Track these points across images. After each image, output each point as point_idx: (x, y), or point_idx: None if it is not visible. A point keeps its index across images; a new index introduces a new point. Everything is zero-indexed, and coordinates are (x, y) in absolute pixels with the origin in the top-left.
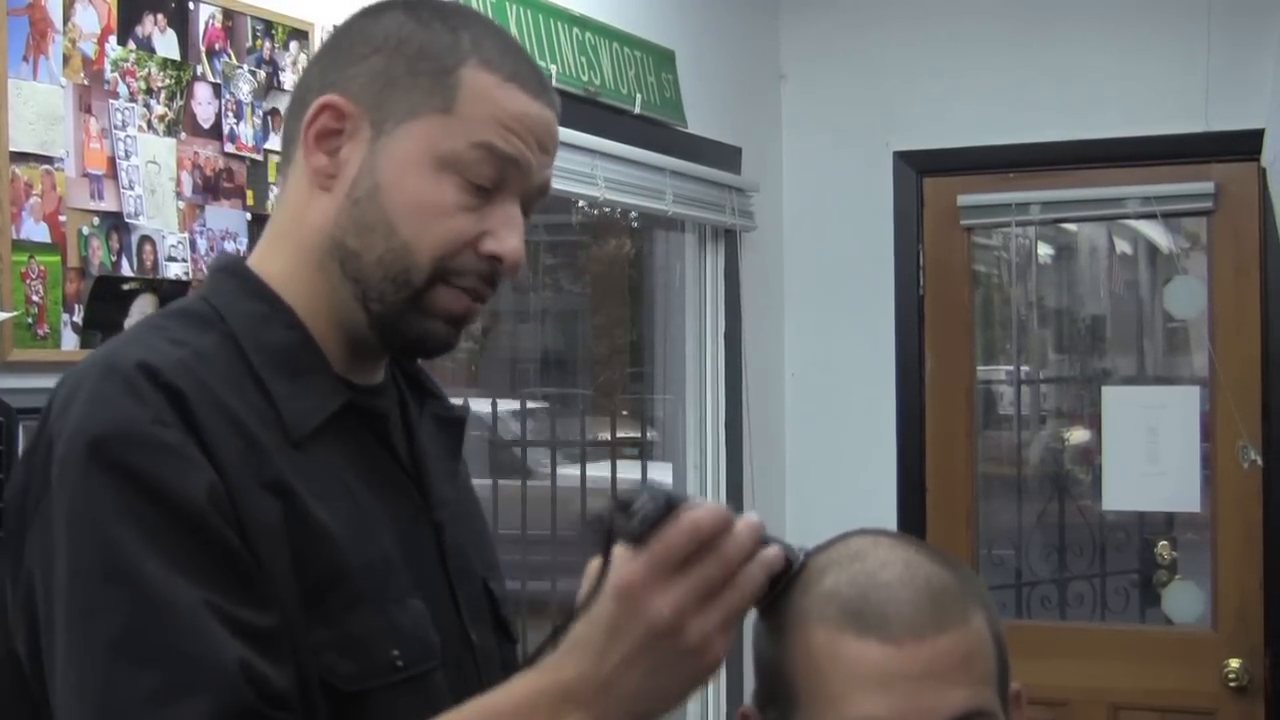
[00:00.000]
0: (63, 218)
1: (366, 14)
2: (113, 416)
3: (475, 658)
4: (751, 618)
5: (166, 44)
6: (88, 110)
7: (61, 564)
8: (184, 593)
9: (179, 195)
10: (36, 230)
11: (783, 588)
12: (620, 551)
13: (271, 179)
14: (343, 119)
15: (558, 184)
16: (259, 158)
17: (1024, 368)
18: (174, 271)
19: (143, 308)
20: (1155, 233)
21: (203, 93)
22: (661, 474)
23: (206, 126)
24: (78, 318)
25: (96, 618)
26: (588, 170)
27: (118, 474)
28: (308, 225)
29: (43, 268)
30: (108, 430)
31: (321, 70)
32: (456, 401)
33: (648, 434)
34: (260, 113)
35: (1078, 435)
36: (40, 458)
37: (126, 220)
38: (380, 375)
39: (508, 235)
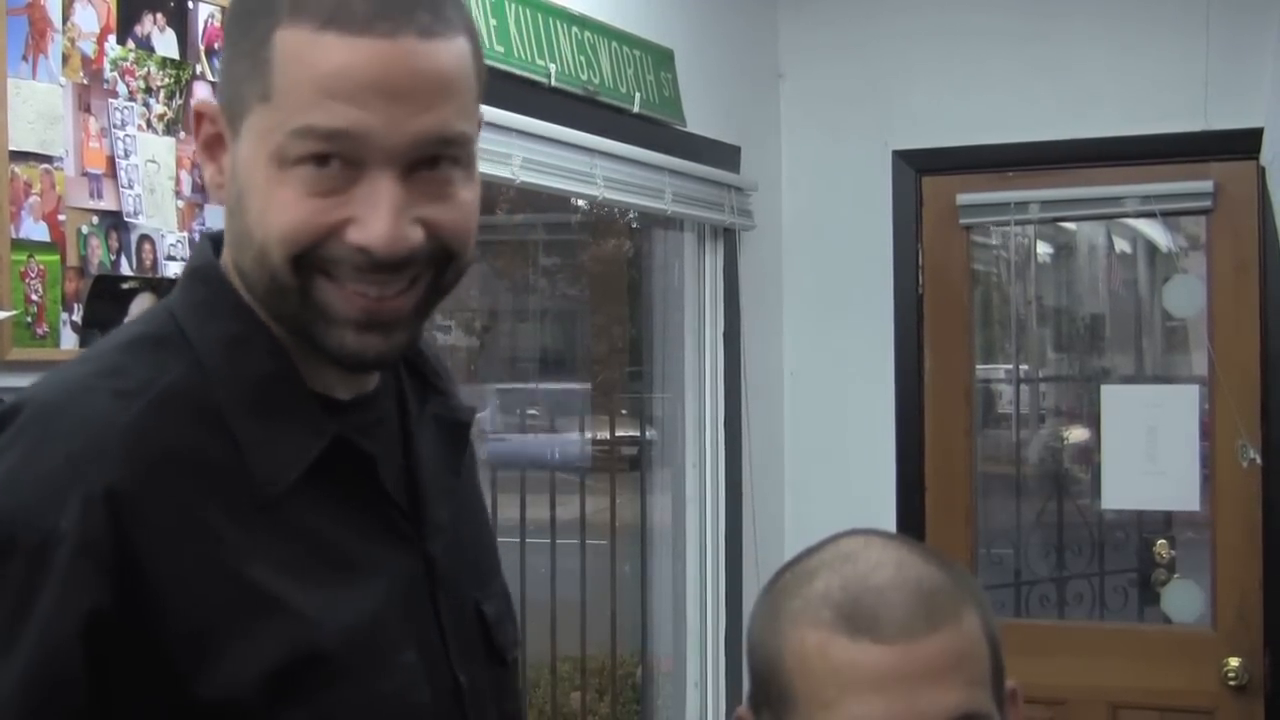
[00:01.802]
0: (62, 217)
1: None
2: (22, 508)
3: (464, 702)
4: (747, 620)
5: (166, 43)
6: (87, 109)
7: None
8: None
9: (178, 194)
10: (36, 229)
11: None
12: None
13: None
14: (216, 124)
15: (558, 183)
16: None
17: (1023, 367)
18: (173, 270)
19: (142, 306)
20: (1154, 232)
21: (202, 92)
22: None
23: None
24: (77, 317)
25: None
26: (587, 169)
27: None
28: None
29: (42, 267)
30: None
31: None
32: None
33: (646, 433)
34: None
35: (1077, 434)
36: None
37: (126, 219)
38: (373, 381)
39: (372, 219)
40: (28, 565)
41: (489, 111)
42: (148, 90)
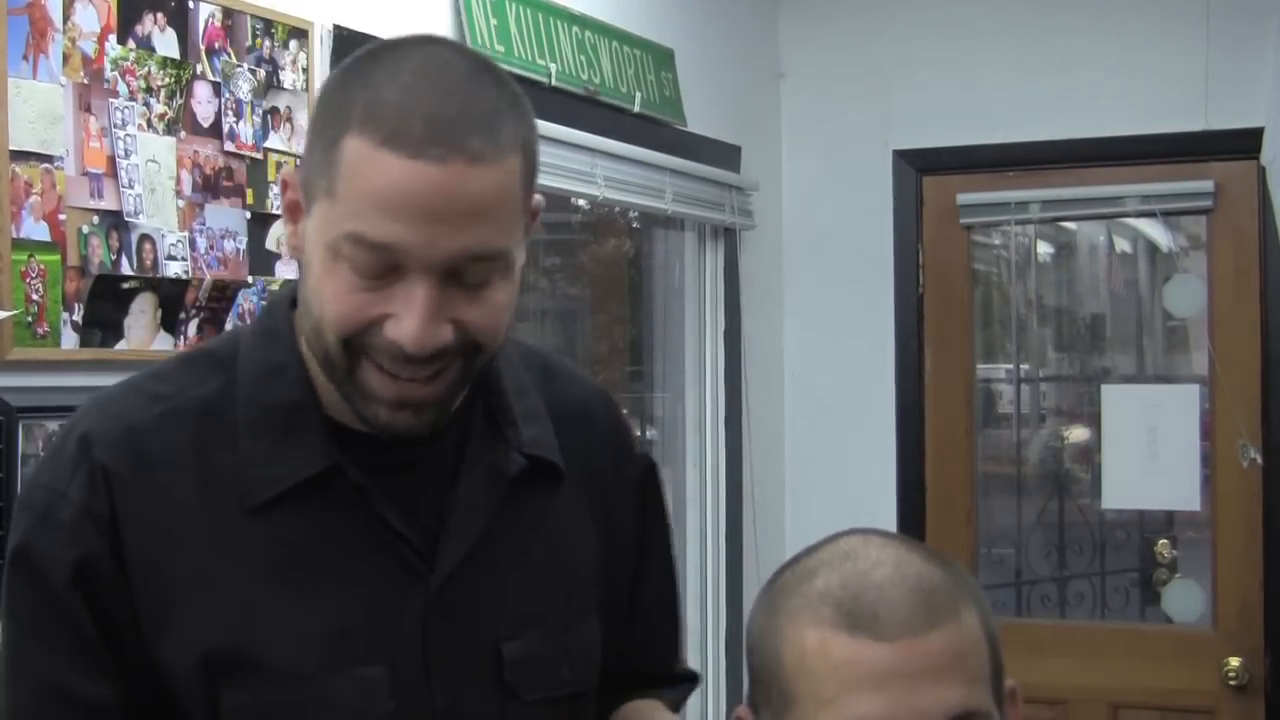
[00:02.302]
0: (62, 216)
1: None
2: (37, 481)
3: None
4: (747, 619)
5: (166, 43)
6: (87, 109)
7: None
8: (31, 665)
9: (179, 194)
10: (36, 229)
11: None
12: None
13: (271, 177)
14: (296, 192)
15: (558, 182)
16: (259, 156)
17: (1023, 366)
18: (174, 270)
19: (142, 306)
20: (1155, 231)
21: (202, 91)
22: None
23: (206, 125)
24: (77, 316)
25: None
26: (587, 169)
27: (14, 535)
28: None
29: (42, 266)
30: (28, 492)
31: None
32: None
33: (647, 433)
34: (260, 112)
35: (1077, 434)
36: None
37: (126, 219)
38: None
39: (406, 318)
40: (40, 518)
41: None
42: (148, 90)
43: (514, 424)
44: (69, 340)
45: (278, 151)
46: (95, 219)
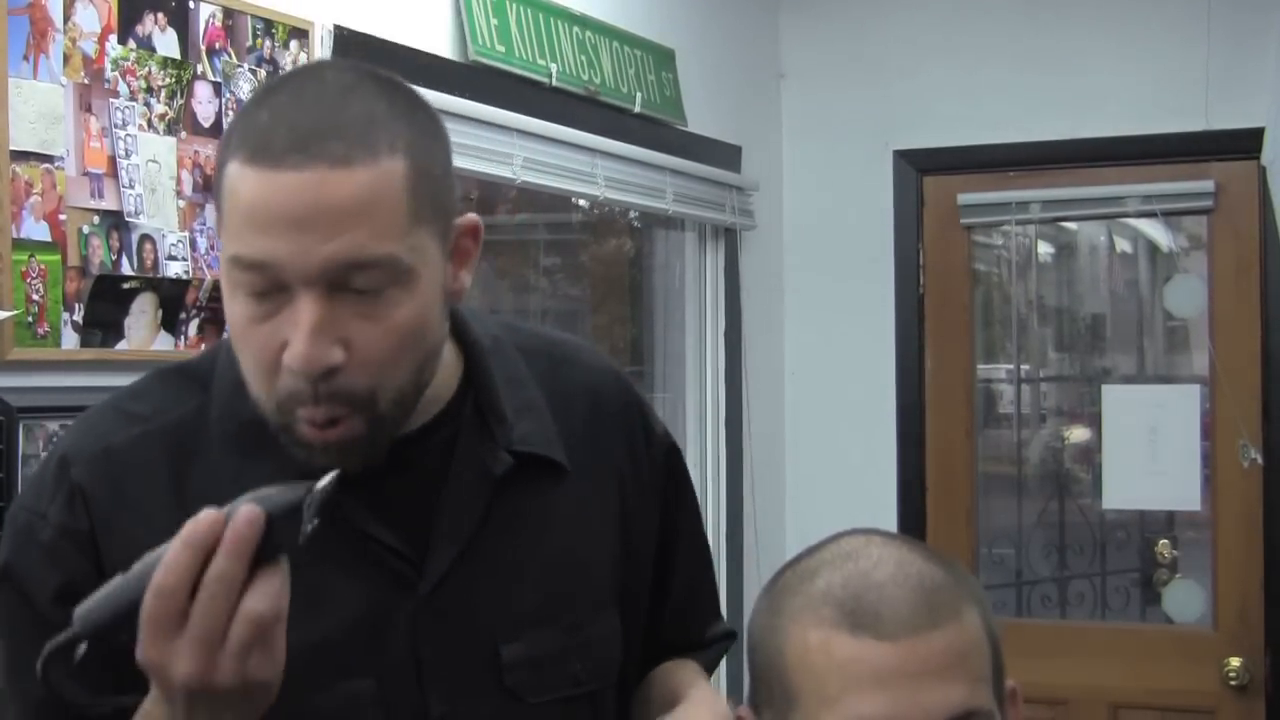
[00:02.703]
0: (63, 216)
1: None
2: (21, 502)
3: None
4: (748, 619)
5: (167, 43)
6: (88, 109)
7: None
8: (24, 682)
9: (179, 194)
10: (37, 229)
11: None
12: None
13: None
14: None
15: (559, 182)
16: None
17: (1024, 366)
18: (174, 270)
19: (142, 306)
20: (1155, 231)
21: (203, 91)
22: None
23: (207, 125)
24: (78, 317)
25: None
26: (588, 169)
27: (2, 555)
28: None
29: (43, 267)
30: (12, 513)
31: None
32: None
33: None
34: None
35: (1078, 434)
36: None
37: (127, 219)
38: (416, 422)
39: (295, 339)
40: (23, 538)
41: (490, 111)
42: (149, 90)
43: (503, 420)
44: (69, 340)
45: None
46: (96, 219)
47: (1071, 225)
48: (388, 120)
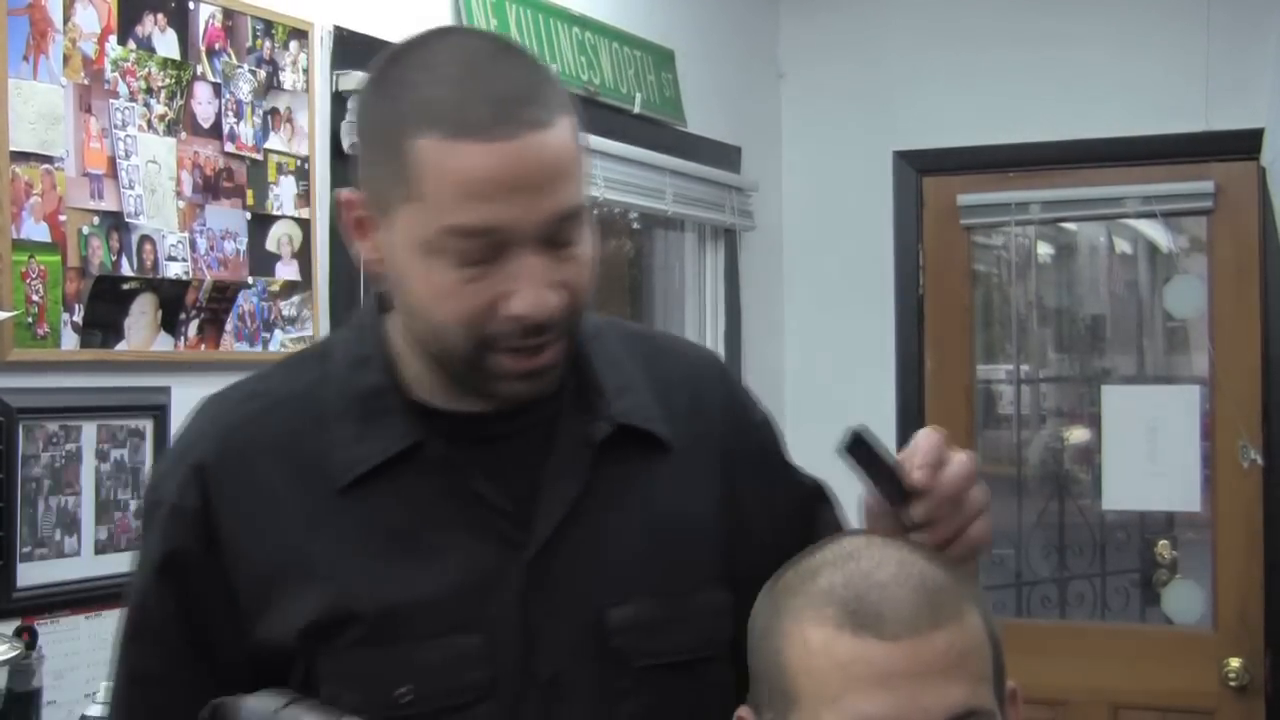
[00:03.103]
0: (63, 217)
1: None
2: (149, 485)
3: (547, 692)
4: (750, 619)
5: (166, 44)
6: (88, 110)
7: None
8: (124, 661)
9: (179, 195)
10: (36, 230)
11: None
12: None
13: (271, 178)
14: (362, 209)
15: None
16: (259, 157)
17: (1024, 367)
18: (174, 271)
19: (142, 307)
20: (1155, 232)
21: (203, 92)
22: None
23: (206, 126)
24: (78, 317)
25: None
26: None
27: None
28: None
29: (43, 267)
30: (144, 507)
31: None
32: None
33: None
34: (260, 112)
35: (1077, 435)
36: None
37: (126, 220)
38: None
39: (524, 293)
40: (149, 518)
41: None
42: (148, 91)
43: (602, 395)
44: (69, 341)
45: (278, 152)
46: (95, 220)
47: (1071, 226)
48: (547, 81)
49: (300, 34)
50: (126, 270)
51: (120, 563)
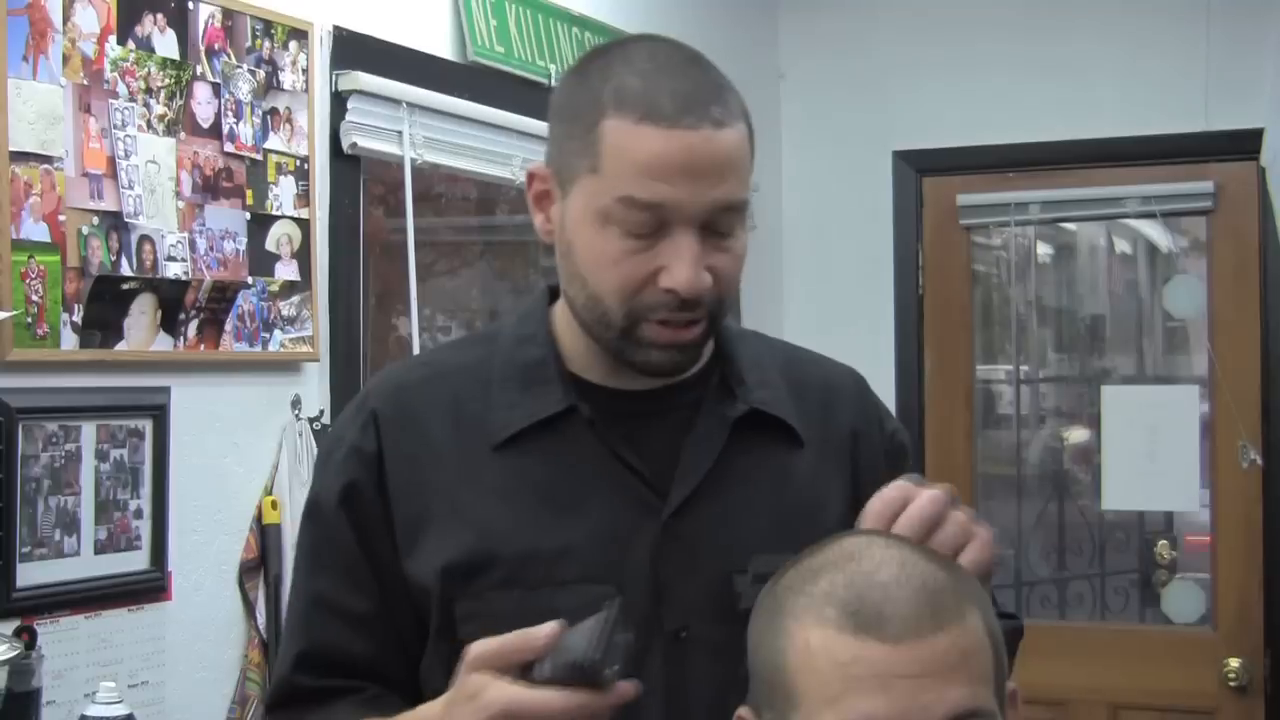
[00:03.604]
0: (62, 217)
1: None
2: (331, 433)
3: (672, 645)
4: (750, 619)
5: (166, 44)
6: (87, 110)
7: None
8: (306, 584)
9: (178, 195)
10: (36, 230)
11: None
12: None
13: (270, 178)
14: (545, 183)
15: None
16: (258, 157)
17: (1023, 367)
18: (173, 271)
19: (142, 307)
20: (1155, 232)
21: (202, 92)
22: None
23: (206, 126)
24: (77, 317)
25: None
26: None
27: (312, 489)
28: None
29: (42, 267)
30: (323, 443)
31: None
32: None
33: None
34: (259, 112)
35: (1077, 435)
36: None
37: (126, 220)
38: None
39: (678, 268)
40: (329, 456)
41: (490, 112)
42: (148, 91)
43: (743, 383)
44: (69, 341)
45: (277, 152)
46: (95, 220)
47: (1071, 226)
48: (730, 90)
49: (300, 34)
50: (126, 270)
51: (120, 563)
